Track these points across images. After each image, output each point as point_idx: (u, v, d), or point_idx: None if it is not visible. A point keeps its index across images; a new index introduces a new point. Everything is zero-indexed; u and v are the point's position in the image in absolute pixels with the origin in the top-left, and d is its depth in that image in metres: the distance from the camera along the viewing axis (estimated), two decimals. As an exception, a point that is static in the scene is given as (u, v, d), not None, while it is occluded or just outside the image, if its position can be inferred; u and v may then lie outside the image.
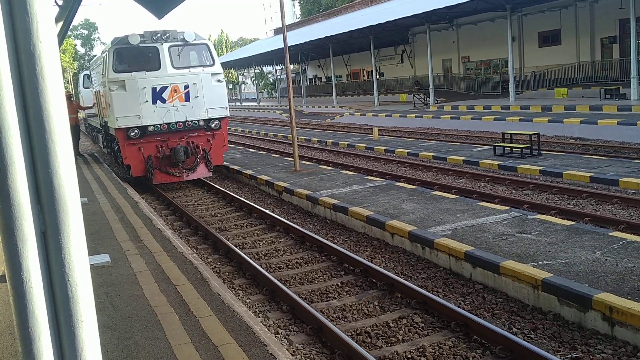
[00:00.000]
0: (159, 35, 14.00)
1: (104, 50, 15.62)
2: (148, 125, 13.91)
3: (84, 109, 22.70)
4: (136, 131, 13.85)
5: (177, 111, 14.13)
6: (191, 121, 14.32)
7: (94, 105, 20.16)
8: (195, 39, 14.47)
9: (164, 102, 13.95)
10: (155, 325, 5.26)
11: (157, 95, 13.87)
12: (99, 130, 20.04)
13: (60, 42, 13.91)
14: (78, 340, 1.57)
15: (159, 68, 13.97)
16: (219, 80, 14.74)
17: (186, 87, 14.15)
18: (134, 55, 14.08)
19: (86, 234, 1.60)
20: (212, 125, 14.69)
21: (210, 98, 14.47)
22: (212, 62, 14.74)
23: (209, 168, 14.77)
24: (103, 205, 11.31)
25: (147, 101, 13.77)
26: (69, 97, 18.65)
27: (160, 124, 14.00)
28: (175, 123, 14.15)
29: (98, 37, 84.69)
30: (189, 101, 14.22)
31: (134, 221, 9.87)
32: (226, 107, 14.97)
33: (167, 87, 13.95)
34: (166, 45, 14.07)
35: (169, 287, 6.38)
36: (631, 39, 22.31)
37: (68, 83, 54.44)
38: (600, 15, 28.46)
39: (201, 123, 14.49)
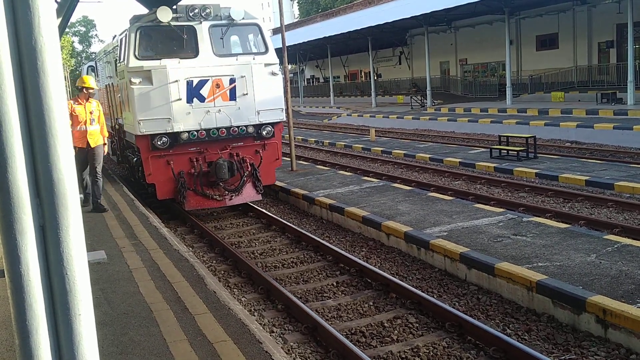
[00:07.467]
0: (197, 10, 10.58)
1: (120, 32, 12.07)
2: (181, 132, 10.49)
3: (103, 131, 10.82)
4: (164, 139, 10.43)
5: (220, 113, 10.72)
6: (237, 127, 10.89)
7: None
8: (244, 18, 11.12)
9: (203, 101, 10.58)
10: (150, 322, 5.27)
11: (194, 92, 10.52)
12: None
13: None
14: (75, 334, 1.58)
15: (196, 55, 10.63)
16: (273, 73, 11.21)
17: (232, 81, 10.77)
18: (164, 37, 10.82)
19: (84, 228, 1.61)
20: (264, 133, 11.23)
21: (262, 96, 11.05)
22: (265, 49, 11.30)
23: (257, 189, 11.30)
24: (99, 202, 11.28)
25: (180, 99, 10.39)
26: (88, 93, 10.16)
27: (197, 130, 10.60)
28: (217, 129, 10.74)
29: (96, 35, 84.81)
30: (235, 100, 10.83)
31: (130, 218, 9.85)
32: (282, 109, 11.57)
33: (207, 80, 10.58)
34: (206, 25, 10.73)
35: (165, 284, 6.38)
36: (628, 43, 22.37)
37: (65, 80, 54.31)
38: (597, 19, 28.57)
39: (250, 129, 11.05)
